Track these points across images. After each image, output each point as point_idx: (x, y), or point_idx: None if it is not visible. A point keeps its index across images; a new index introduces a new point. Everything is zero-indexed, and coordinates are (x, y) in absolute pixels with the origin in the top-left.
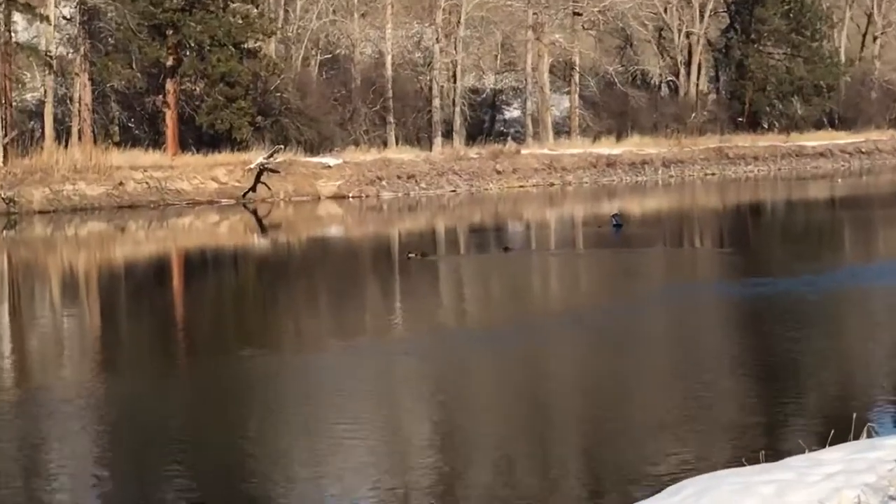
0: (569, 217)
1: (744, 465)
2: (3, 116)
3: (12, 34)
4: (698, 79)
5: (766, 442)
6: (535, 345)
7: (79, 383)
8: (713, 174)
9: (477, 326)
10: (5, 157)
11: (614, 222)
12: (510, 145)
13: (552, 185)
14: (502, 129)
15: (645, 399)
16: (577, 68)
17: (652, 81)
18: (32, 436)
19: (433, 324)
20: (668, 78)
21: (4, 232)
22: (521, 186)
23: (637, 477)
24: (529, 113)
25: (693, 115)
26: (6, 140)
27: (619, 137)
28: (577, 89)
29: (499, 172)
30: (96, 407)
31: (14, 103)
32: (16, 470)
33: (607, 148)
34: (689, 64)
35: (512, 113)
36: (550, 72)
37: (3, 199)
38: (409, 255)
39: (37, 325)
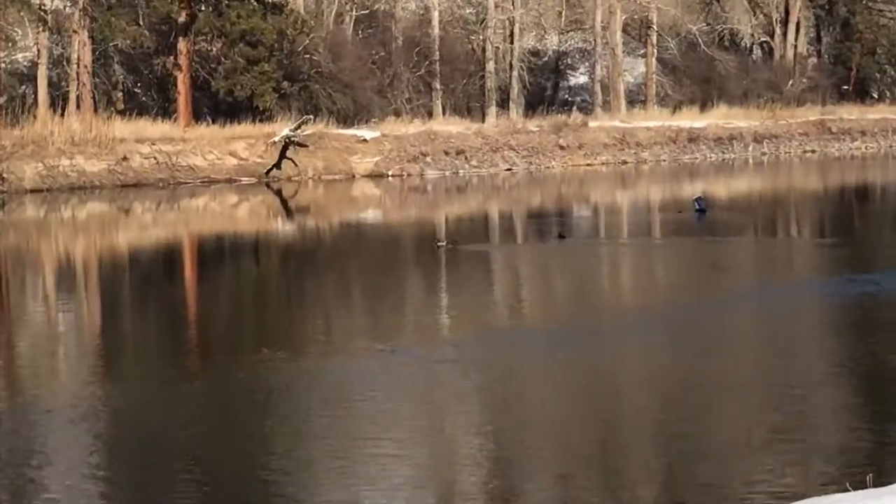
0: (644, 201)
1: (849, 491)
2: None
3: None
4: (796, 40)
5: (874, 463)
6: (600, 348)
7: (76, 390)
8: (813, 151)
9: (532, 326)
10: None
11: (697, 207)
12: (576, 116)
13: (624, 163)
14: (567, 97)
15: (731, 412)
16: (655, 27)
17: (742, 43)
18: (24, 451)
19: (482, 323)
20: (762, 39)
21: None
22: (589, 164)
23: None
24: (598, 79)
25: (790, 82)
26: None
27: (702, 108)
28: (655, 52)
29: (562, 148)
30: (96, 417)
31: (3, 65)
32: (8, 490)
33: (689, 120)
34: (785, 22)
35: (578, 79)
36: (624, 31)
37: None
38: (439, 243)
39: (28, 322)
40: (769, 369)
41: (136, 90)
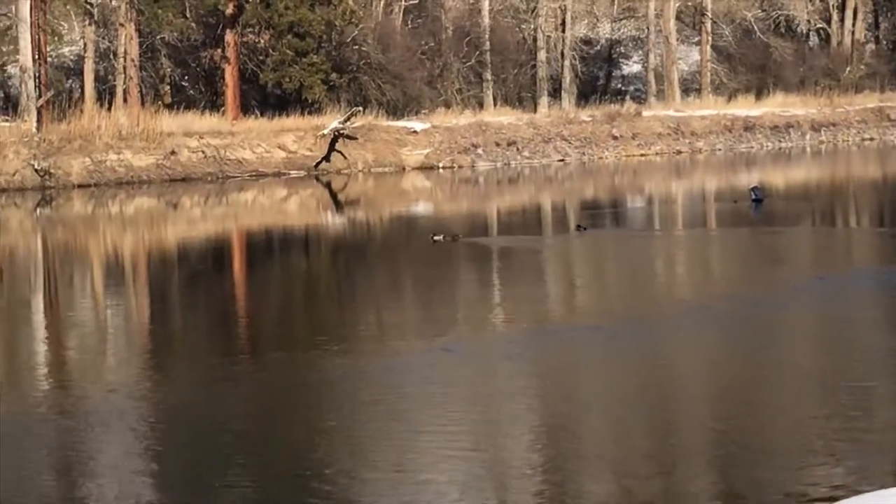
0: (699, 191)
1: None
2: (37, 74)
3: None
4: (854, 26)
5: None
6: (657, 343)
7: (125, 386)
8: (871, 139)
9: (586, 321)
10: (39, 121)
11: (753, 196)
12: (629, 106)
13: (679, 152)
14: (620, 86)
15: (789, 407)
16: (709, 14)
17: (798, 29)
18: (73, 449)
19: (537, 318)
20: (818, 25)
21: (39, 209)
22: (643, 155)
23: (784, 501)
24: (652, 68)
25: (848, 69)
26: (40, 102)
27: (758, 96)
28: (709, 39)
29: (615, 138)
30: (145, 414)
31: (49, 59)
32: (58, 488)
33: (745, 109)
34: (843, 8)
35: (631, 68)
36: (677, 18)
37: (37, 170)
38: (435, 237)
39: (77, 318)
40: (829, 363)
41: (183, 83)
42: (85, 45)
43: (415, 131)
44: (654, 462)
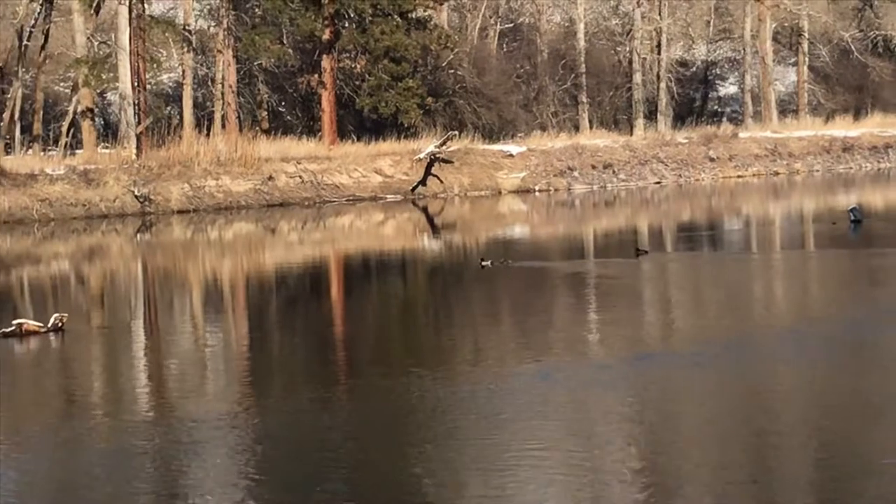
0: (797, 212)
1: None
2: (137, 101)
3: (146, 6)
4: None
5: None
6: (757, 366)
7: (226, 408)
8: None
9: (684, 344)
10: (139, 148)
11: (852, 217)
12: (725, 127)
13: (776, 173)
14: (716, 108)
15: (892, 431)
16: (806, 34)
17: None
18: (174, 469)
19: (634, 342)
20: None
21: (139, 235)
22: (739, 176)
23: None
24: (748, 89)
25: None
26: (140, 129)
27: (856, 116)
28: (806, 60)
29: (712, 160)
30: (244, 438)
31: (148, 86)
32: None
33: (843, 129)
34: None
35: (727, 89)
36: (774, 39)
37: (137, 196)
38: (483, 262)
39: (177, 342)
40: None
41: (280, 109)
42: (183, 71)
43: (510, 155)
44: (759, 493)
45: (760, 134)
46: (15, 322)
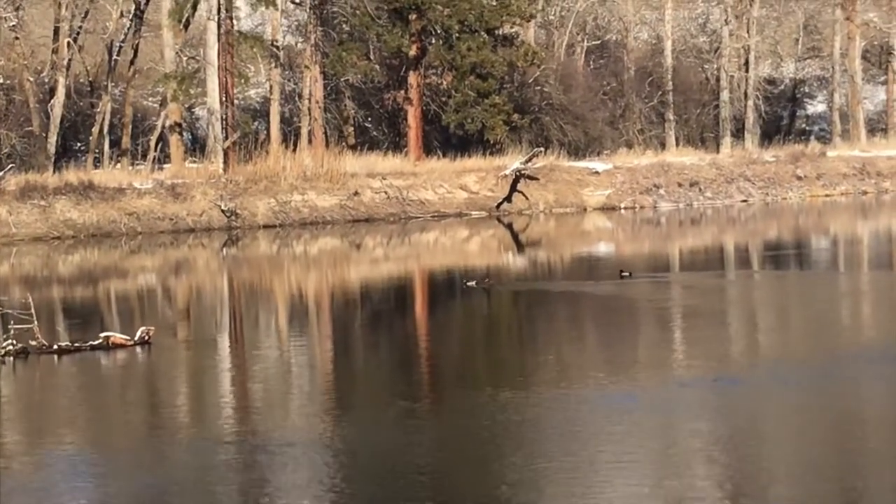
0: (885, 231)
1: None
2: (224, 116)
3: (234, 22)
4: None
5: None
6: (844, 388)
7: (310, 425)
8: None
9: (771, 367)
10: (226, 163)
11: None
12: (813, 146)
13: (865, 193)
14: (804, 126)
15: None
16: None
17: None
18: (259, 485)
19: (720, 362)
20: None
21: (225, 249)
22: (827, 195)
23: None
24: (837, 107)
25: None
26: (227, 143)
27: None
28: None
29: (800, 178)
30: (330, 451)
31: (236, 101)
32: None
33: None
34: None
35: (816, 107)
36: (863, 58)
37: (223, 211)
38: (467, 283)
39: (262, 357)
40: None
41: (366, 125)
42: (271, 87)
43: (596, 172)
44: None
45: (848, 153)
46: (102, 335)
